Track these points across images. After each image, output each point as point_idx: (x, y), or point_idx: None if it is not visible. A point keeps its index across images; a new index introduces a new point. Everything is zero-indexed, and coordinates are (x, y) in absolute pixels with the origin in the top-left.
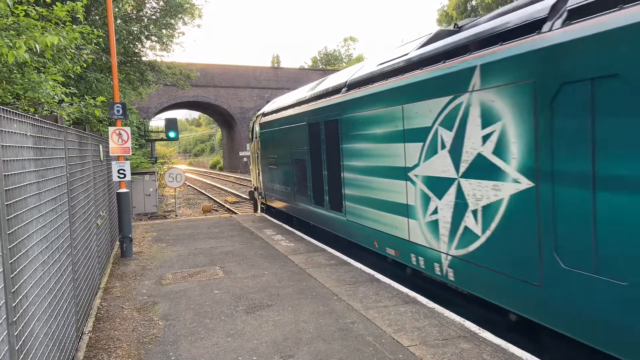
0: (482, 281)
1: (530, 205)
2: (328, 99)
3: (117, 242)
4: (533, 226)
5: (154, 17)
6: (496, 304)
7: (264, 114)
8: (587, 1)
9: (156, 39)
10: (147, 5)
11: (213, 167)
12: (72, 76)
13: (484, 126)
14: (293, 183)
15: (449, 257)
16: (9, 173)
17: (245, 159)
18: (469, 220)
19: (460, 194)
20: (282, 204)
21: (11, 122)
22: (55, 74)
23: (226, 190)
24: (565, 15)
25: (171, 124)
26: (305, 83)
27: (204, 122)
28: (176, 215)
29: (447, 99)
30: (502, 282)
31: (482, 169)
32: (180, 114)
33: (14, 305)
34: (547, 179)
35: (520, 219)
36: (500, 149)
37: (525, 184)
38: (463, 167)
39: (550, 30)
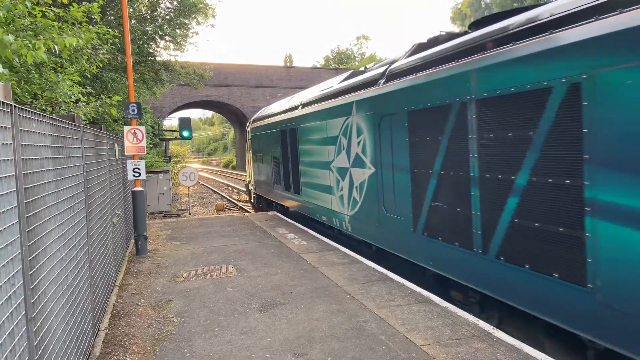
0: (360, 229)
1: (375, 181)
2: (292, 112)
3: (132, 240)
4: (376, 193)
5: (168, 17)
6: (367, 241)
7: (254, 120)
8: (393, 72)
9: (170, 38)
10: (162, 5)
11: (226, 165)
12: (88, 76)
13: (357, 136)
14: (272, 175)
15: (348, 217)
16: (28, 171)
17: None
18: (355, 193)
19: (350, 177)
20: (266, 191)
21: (30, 122)
22: (72, 73)
23: (239, 189)
24: (385, 78)
25: (185, 123)
26: (317, 82)
27: (217, 121)
28: (190, 214)
29: (344, 118)
30: (366, 228)
31: (358, 161)
32: (194, 113)
33: (32, 301)
34: (379, 167)
35: (372, 189)
36: (364, 150)
37: (373, 169)
38: (351, 160)
39: (379, 86)
